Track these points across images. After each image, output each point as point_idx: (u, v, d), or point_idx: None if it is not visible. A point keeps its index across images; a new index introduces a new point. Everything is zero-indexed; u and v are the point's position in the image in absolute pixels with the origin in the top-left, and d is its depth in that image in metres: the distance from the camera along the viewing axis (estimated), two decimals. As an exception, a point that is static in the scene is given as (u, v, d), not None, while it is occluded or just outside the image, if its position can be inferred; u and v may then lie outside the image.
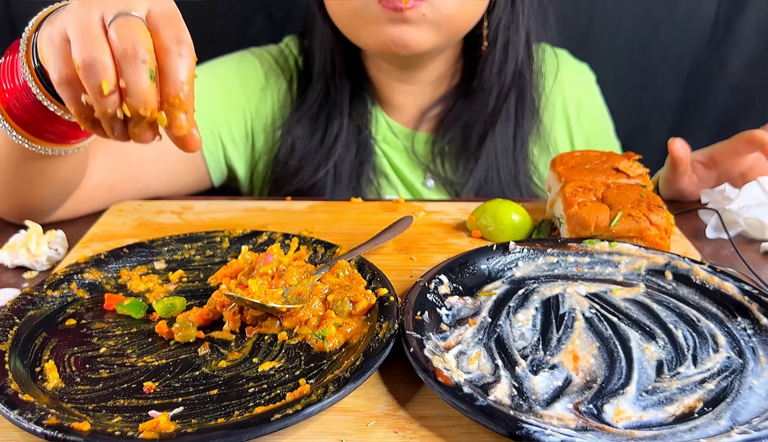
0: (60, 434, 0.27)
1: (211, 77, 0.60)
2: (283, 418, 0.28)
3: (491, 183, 0.60)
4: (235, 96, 0.60)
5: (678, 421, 0.30)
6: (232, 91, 0.59)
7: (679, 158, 0.52)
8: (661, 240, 0.44)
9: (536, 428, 0.27)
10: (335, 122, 0.58)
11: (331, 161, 0.58)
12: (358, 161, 0.58)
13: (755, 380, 0.32)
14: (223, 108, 0.59)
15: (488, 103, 0.59)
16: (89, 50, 0.30)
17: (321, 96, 0.58)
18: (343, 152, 0.58)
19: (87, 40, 0.31)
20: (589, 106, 0.67)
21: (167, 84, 0.31)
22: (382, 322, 0.36)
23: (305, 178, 0.59)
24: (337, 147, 0.58)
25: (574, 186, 0.47)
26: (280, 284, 0.38)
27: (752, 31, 0.81)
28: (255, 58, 0.62)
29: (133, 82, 0.31)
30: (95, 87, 0.30)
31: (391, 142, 0.61)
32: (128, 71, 0.30)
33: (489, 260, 0.43)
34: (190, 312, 0.38)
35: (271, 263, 0.40)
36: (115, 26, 0.31)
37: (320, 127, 0.58)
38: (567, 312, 0.38)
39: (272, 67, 0.61)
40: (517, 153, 0.60)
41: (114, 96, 0.31)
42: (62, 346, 0.36)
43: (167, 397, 0.32)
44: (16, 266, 0.47)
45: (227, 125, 0.60)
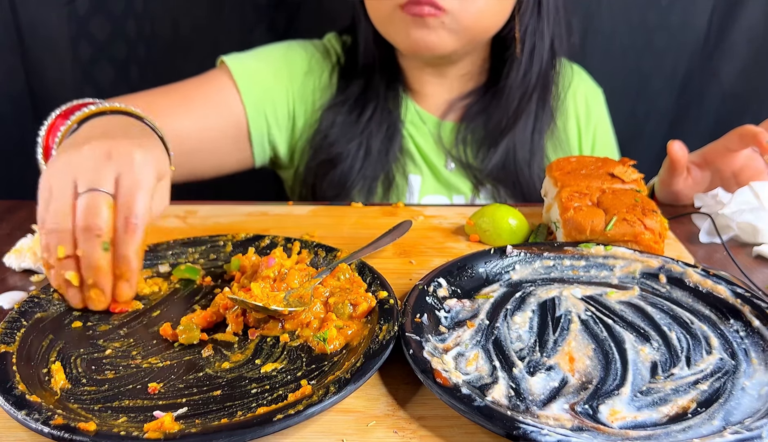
0: (66, 434, 0.28)
1: (259, 61, 0.65)
2: (285, 418, 0.29)
3: (508, 169, 0.65)
4: (281, 78, 0.65)
5: (672, 421, 0.30)
6: (278, 74, 0.65)
7: (677, 160, 0.54)
8: (656, 244, 0.45)
9: (533, 428, 0.28)
10: (370, 106, 0.64)
11: (363, 136, 0.64)
12: (388, 138, 0.64)
13: (747, 381, 0.33)
14: (270, 89, 0.64)
15: (513, 101, 0.64)
16: (55, 218, 0.36)
17: (362, 86, 0.64)
18: (375, 129, 0.64)
19: (56, 207, 0.36)
20: (597, 116, 0.72)
21: (115, 257, 0.37)
22: (382, 324, 0.36)
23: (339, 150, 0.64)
24: (371, 125, 0.64)
25: (570, 191, 0.48)
26: (282, 287, 0.39)
27: (745, 40, 0.82)
28: (300, 47, 0.68)
29: (86, 253, 0.36)
30: (54, 249, 0.36)
31: (418, 126, 0.67)
32: (84, 243, 0.36)
33: (487, 263, 0.43)
34: (194, 315, 0.38)
35: (273, 267, 0.41)
36: (82, 199, 0.36)
37: (357, 109, 0.64)
38: (563, 314, 0.39)
39: (315, 56, 0.67)
40: (534, 146, 0.65)
41: (69, 261, 0.36)
42: (69, 348, 0.37)
43: (172, 398, 0.32)
44: (24, 269, 0.47)
45: (272, 105, 0.64)
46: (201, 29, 0.82)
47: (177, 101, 0.59)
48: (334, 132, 0.64)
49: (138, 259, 0.37)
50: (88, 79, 0.82)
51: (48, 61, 0.79)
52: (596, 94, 0.74)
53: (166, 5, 0.81)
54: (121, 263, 0.37)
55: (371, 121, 0.63)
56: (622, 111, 0.87)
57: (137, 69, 0.83)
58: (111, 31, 0.80)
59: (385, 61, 0.65)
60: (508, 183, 0.65)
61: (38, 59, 0.79)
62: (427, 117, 0.66)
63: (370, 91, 0.64)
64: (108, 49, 0.81)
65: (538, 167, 0.65)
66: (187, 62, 0.82)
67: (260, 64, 0.64)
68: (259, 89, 0.63)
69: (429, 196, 0.67)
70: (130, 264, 0.37)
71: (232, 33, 0.82)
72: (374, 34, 0.63)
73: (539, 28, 0.62)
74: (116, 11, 0.79)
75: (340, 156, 0.63)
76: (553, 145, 0.68)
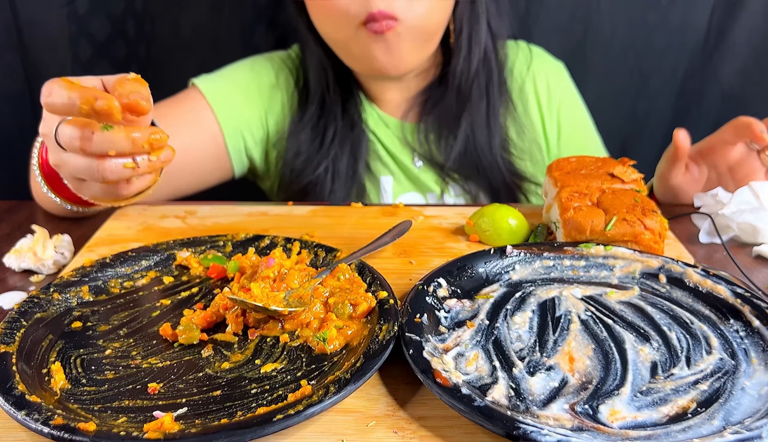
0: (66, 434, 0.28)
1: (227, 80, 0.66)
2: (285, 418, 0.29)
3: (470, 155, 0.66)
4: (250, 94, 0.66)
5: (672, 421, 0.30)
6: (247, 90, 0.66)
7: (681, 147, 0.53)
8: (655, 244, 0.45)
9: (533, 428, 0.28)
10: (330, 128, 0.65)
11: (329, 160, 0.65)
12: (353, 157, 0.65)
13: (747, 381, 0.33)
14: (242, 107, 0.65)
15: (461, 88, 0.65)
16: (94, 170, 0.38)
17: (318, 107, 0.65)
18: (339, 151, 0.65)
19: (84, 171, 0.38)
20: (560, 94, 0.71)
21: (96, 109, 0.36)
22: (381, 324, 0.36)
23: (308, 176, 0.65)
24: (333, 148, 0.65)
25: (570, 191, 0.48)
26: (281, 287, 0.39)
27: (744, 39, 0.82)
28: (266, 60, 0.69)
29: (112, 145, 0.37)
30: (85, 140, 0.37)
31: (383, 130, 0.68)
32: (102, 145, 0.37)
33: (486, 263, 0.43)
34: (194, 315, 0.38)
35: (273, 267, 0.41)
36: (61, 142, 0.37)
37: (319, 133, 0.65)
38: (563, 315, 0.39)
39: (281, 68, 0.68)
40: (491, 128, 0.66)
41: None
42: (68, 348, 0.37)
43: (171, 398, 0.32)
44: (23, 270, 0.47)
45: (246, 122, 0.66)
46: (201, 29, 0.82)
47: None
48: (299, 161, 0.65)
49: (84, 89, 0.35)
50: (89, 79, 0.81)
51: (48, 61, 0.79)
52: (557, 70, 0.72)
53: (166, 5, 0.81)
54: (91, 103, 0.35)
55: (333, 144, 0.64)
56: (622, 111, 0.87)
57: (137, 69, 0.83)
58: (111, 31, 0.80)
59: (339, 79, 0.65)
60: (473, 170, 0.66)
61: (38, 59, 0.79)
62: (390, 120, 0.67)
63: (327, 114, 0.65)
64: (108, 49, 0.81)
65: (501, 148, 0.66)
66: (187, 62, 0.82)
67: (229, 82, 0.66)
68: (231, 106, 0.64)
69: (402, 196, 0.68)
70: (94, 94, 0.35)
71: (232, 33, 0.82)
72: (325, 54, 0.64)
73: (473, 14, 0.63)
74: (116, 11, 0.79)
75: (310, 184, 0.65)
76: (517, 130, 0.68)
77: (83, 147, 0.37)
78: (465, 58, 0.64)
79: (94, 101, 0.35)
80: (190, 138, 0.62)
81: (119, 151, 0.37)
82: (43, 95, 0.36)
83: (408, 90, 0.67)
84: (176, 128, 0.61)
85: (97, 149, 0.37)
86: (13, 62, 0.79)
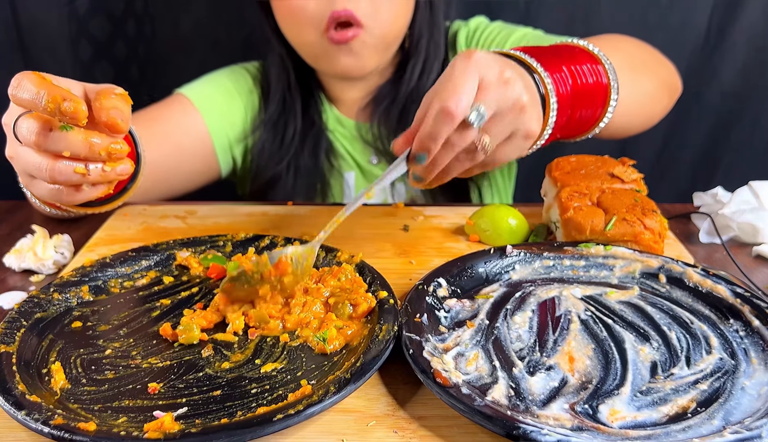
0: (66, 434, 0.28)
1: (211, 86, 0.68)
2: (285, 418, 0.29)
3: None
4: (232, 97, 0.68)
5: (672, 421, 0.30)
6: (230, 94, 0.68)
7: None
8: (655, 244, 0.45)
9: (533, 428, 0.28)
10: (291, 126, 0.67)
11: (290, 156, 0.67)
12: (314, 154, 0.67)
13: (747, 381, 0.33)
14: (225, 109, 0.67)
15: (415, 86, 0.65)
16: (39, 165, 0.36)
17: (279, 105, 0.67)
18: (300, 148, 0.66)
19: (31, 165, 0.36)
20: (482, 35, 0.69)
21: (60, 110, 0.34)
22: (382, 324, 0.36)
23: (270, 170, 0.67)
24: (294, 145, 0.67)
25: (570, 191, 0.48)
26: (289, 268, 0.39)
27: (744, 40, 0.82)
28: (242, 68, 0.71)
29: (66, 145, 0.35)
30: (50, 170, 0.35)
31: (340, 131, 0.69)
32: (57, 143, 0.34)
33: (486, 263, 0.43)
34: (194, 315, 0.38)
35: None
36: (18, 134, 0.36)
37: (279, 131, 0.67)
38: (563, 314, 0.39)
39: (256, 77, 0.70)
40: None
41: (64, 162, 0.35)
42: (68, 348, 0.37)
43: (172, 398, 0.32)
44: (23, 270, 0.47)
45: (230, 123, 0.68)
46: (201, 29, 0.82)
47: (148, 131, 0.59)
48: (263, 157, 0.67)
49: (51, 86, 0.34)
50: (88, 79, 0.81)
51: (48, 61, 0.79)
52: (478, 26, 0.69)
53: (166, 5, 0.81)
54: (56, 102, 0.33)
55: (293, 142, 0.66)
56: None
57: (137, 69, 0.83)
58: (111, 31, 0.80)
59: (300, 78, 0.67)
60: None
61: (38, 59, 0.79)
62: (346, 122, 0.68)
63: (287, 112, 0.67)
64: (108, 49, 0.81)
65: None
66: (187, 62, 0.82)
67: (211, 87, 0.67)
68: (215, 108, 0.66)
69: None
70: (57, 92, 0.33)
71: (232, 33, 0.82)
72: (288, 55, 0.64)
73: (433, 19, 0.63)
74: (116, 11, 0.79)
75: (273, 179, 0.67)
76: None
77: (38, 142, 0.35)
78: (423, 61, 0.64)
79: (62, 101, 0.33)
80: (182, 139, 0.63)
81: (74, 153, 0.35)
82: (12, 86, 0.34)
83: (365, 88, 0.67)
84: (168, 130, 0.62)
85: (52, 147, 0.35)
86: (14, 62, 0.79)
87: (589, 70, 0.45)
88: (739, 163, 0.87)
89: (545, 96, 0.42)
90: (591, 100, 0.46)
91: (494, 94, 0.37)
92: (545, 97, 0.42)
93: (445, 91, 0.36)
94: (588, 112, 0.46)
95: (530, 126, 0.39)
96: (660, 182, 0.89)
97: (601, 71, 0.46)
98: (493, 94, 0.37)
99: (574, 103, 0.44)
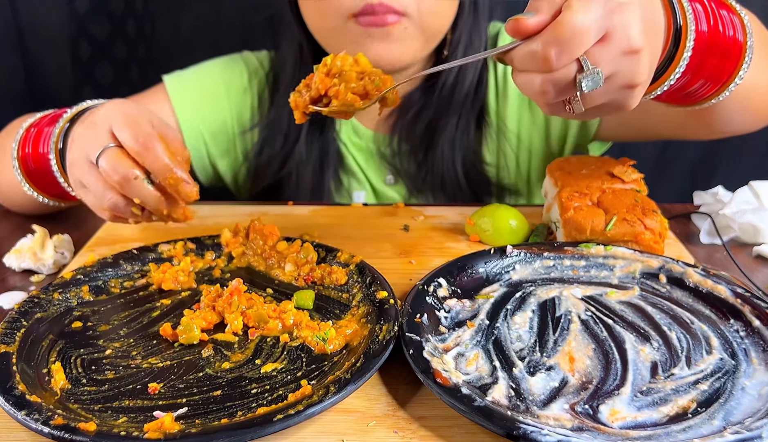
0: (66, 434, 0.28)
1: (197, 80, 0.63)
2: (285, 418, 0.29)
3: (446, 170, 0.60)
4: (218, 98, 0.62)
5: (672, 421, 0.30)
6: (216, 94, 0.62)
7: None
8: (656, 244, 0.45)
9: (533, 428, 0.28)
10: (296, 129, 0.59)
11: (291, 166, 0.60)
12: (320, 162, 0.61)
13: (747, 381, 0.33)
14: (207, 109, 0.62)
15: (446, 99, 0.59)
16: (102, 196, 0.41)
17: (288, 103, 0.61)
18: (305, 153, 0.60)
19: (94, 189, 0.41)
20: None
21: (160, 179, 0.40)
22: (382, 324, 0.36)
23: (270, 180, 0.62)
24: (298, 152, 0.59)
25: (570, 191, 0.48)
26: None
27: (745, 39, 0.82)
28: (241, 60, 0.63)
29: (140, 196, 0.40)
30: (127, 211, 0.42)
31: (355, 142, 0.62)
32: (132, 192, 0.40)
33: (487, 263, 0.43)
34: (194, 315, 0.38)
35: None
36: (101, 163, 0.40)
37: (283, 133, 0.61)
38: (563, 314, 0.39)
39: (256, 70, 0.63)
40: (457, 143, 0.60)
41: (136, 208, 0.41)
42: (69, 348, 0.37)
43: (172, 398, 0.32)
44: (24, 270, 0.47)
45: (208, 124, 0.62)
46: (201, 29, 0.82)
47: None
48: (264, 156, 0.61)
49: (175, 162, 0.40)
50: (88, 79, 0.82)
51: (48, 61, 0.79)
52: None
53: (166, 5, 0.81)
54: (165, 174, 0.40)
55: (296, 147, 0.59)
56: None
57: (137, 69, 0.83)
58: (111, 31, 0.80)
59: None
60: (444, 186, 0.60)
61: (38, 59, 0.79)
62: (364, 131, 0.61)
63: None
64: (108, 49, 0.81)
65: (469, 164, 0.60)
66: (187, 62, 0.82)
67: (196, 83, 0.62)
68: (194, 107, 0.61)
69: None
70: (172, 172, 0.40)
71: (232, 33, 0.82)
72: (308, 43, 0.57)
73: (476, 25, 0.57)
74: (116, 11, 0.79)
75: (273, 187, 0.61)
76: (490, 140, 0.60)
77: (120, 184, 0.40)
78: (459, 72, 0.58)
79: (172, 176, 0.39)
80: None
81: (144, 204, 0.40)
82: (139, 142, 0.39)
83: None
84: None
85: (128, 192, 0.40)
86: (14, 62, 0.79)
87: (729, 20, 0.37)
88: (740, 163, 0.87)
89: (682, 28, 0.34)
90: (725, 54, 0.37)
91: (618, 48, 0.30)
92: (681, 30, 0.34)
93: (562, 28, 0.29)
94: (718, 72, 0.37)
95: (636, 74, 0.31)
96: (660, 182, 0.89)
97: (738, 26, 0.38)
98: (617, 48, 0.30)
99: (710, 52, 0.36)
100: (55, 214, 0.57)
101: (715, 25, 0.37)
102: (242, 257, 0.46)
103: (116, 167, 0.39)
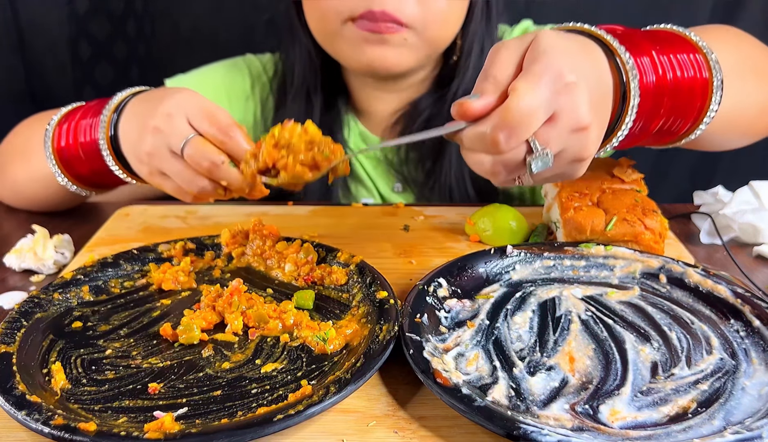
0: (67, 434, 0.28)
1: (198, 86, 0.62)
2: (286, 418, 0.29)
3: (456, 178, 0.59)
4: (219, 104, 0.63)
5: (672, 421, 0.30)
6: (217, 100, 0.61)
7: None
8: (656, 244, 0.45)
9: (533, 429, 0.28)
10: None
11: None
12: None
13: (747, 381, 0.33)
14: None
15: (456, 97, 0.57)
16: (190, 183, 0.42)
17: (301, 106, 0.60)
18: None
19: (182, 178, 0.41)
20: None
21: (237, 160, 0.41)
22: (382, 324, 0.36)
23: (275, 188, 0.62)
24: None
25: (570, 191, 0.48)
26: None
27: (745, 40, 0.82)
28: (245, 65, 0.62)
29: (229, 182, 0.41)
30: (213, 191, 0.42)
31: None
32: (220, 175, 0.41)
33: (487, 263, 0.43)
34: (194, 314, 0.38)
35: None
36: (187, 153, 0.40)
37: None
38: (563, 314, 0.39)
39: (259, 75, 0.62)
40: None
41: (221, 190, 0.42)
42: (69, 348, 0.37)
43: (172, 398, 0.32)
44: (24, 270, 0.47)
45: None
46: (201, 29, 0.82)
47: None
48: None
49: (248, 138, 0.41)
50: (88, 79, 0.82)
51: (48, 61, 0.79)
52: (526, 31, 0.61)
53: (166, 5, 0.81)
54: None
55: None
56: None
57: (137, 69, 0.84)
58: (111, 31, 0.80)
59: (326, 80, 0.59)
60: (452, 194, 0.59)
61: (38, 59, 0.79)
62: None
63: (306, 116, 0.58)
64: (108, 49, 0.81)
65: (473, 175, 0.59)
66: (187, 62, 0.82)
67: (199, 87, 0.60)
68: None
69: None
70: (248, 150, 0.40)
71: (232, 33, 0.82)
72: (315, 48, 0.57)
73: (488, 32, 0.56)
74: (116, 11, 0.79)
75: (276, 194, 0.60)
76: None
77: (209, 169, 0.40)
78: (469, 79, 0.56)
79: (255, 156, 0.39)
80: None
81: (229, 186, 0.41)
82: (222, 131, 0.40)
83: (398, 103, 0.59)
84: None
85: (216, 176, 0.41)
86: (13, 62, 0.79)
87: (688, 62, 0.37)
88: (740, 163, 0.87)
89: (626, 85, 0.35)
90: (687, 94, 0.37)
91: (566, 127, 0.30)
92: (626, 86, 0.34)
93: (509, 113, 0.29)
94: (681, 113, 0.38)
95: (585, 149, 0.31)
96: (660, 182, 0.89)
97: (701, 64, 0.38)
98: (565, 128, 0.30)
99: (662, 99, 0.36)
100: (55, 214, 0.57)
101: (664, 73, 0.37)
102: (242, 257, 0.46)
103: (205, 154, 0.40)
